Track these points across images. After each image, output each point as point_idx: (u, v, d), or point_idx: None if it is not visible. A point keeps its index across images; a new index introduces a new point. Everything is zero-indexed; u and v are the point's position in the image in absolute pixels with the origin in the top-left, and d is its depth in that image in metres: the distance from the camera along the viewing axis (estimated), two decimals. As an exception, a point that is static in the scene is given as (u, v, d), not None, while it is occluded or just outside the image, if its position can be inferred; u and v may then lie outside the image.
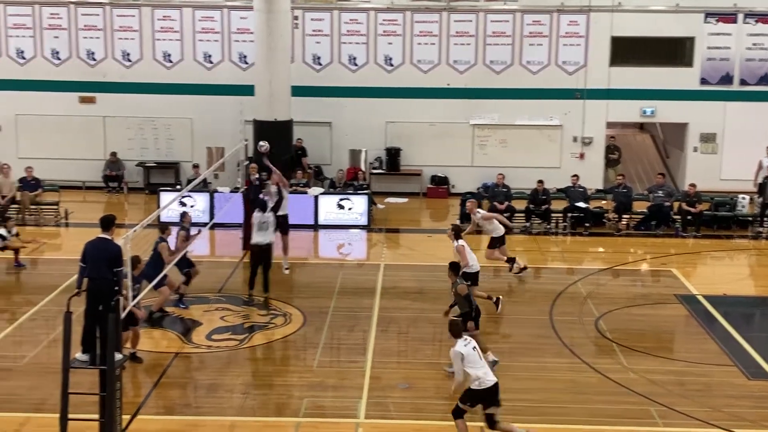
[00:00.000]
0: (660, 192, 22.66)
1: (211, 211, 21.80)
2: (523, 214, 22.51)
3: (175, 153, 26.04)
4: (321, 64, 25.87)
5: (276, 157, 21.33)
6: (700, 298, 17.22)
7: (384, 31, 25.73)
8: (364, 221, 22.40)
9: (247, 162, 21.15)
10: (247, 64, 25.59)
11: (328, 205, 22.40)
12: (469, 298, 13.55)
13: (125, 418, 11.04)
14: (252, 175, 18.85)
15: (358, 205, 22.47)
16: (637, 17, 25.36)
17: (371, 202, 22.91)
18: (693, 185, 22.62)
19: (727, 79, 25.50)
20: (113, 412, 10.23)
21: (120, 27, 25.76)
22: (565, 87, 25.58)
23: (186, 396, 12.84)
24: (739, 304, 17.48)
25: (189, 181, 22.86)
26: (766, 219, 22.43)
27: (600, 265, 19.88)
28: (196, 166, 24.70)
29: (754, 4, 25.31)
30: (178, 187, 23.68)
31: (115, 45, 25.81)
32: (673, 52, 25.62)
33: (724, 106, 25.55)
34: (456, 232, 15.56)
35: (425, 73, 25.77)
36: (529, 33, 25.57)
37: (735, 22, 25.27)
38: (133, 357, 13.46)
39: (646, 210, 22.50)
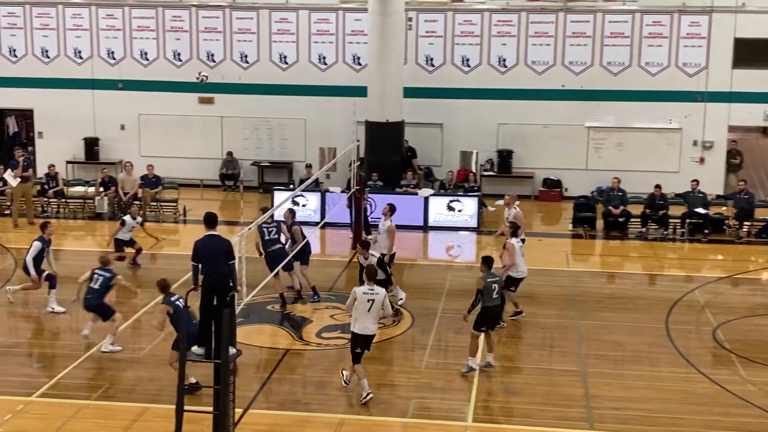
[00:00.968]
0: (784, 199, 21.84)
1: (323, 211, 22.07)
2: (639, 219, 22.03)
3: (289, 153, 26.48)
4: (434, 66, 25.88)
5: (386, 159, 21.28)
6: (825, 310, 16.51)
7: (498, 32, 25.56)
8: (474, 223, 22.29)
9: (359, 163, 21.24)
10: (360, 65, 25.82)
11: (438, 206, 22.38)
12: (479, 296, 13.46)
13: (237, 411, 11.26)
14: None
15: (468, 207, 22.37)
16: (762, 18, 24.52)
17: (481, 204, 22.78)
18: (819, 192, 21.72)
19: None
20: (227, 405, 10.44)
21: (239, 29, 26.40)
22: (686, 89, 24.94)
23: (295, 392, 13.03)
24: None
25: (302, 181, 23.24)
26: None
27: (719, 274, 19.28)
28: (308, 166, 25.07)
29: None
30: (291, 186, 24.07)
31: (233, 47, 26.47)
32: (799, 54, 24.68)
33: None
34: (514, 230, 15.57)
35: (539, 75, 25.48)
36: (649, 34, 25.02)
37: None
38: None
39: (768, 217, 21.73)
